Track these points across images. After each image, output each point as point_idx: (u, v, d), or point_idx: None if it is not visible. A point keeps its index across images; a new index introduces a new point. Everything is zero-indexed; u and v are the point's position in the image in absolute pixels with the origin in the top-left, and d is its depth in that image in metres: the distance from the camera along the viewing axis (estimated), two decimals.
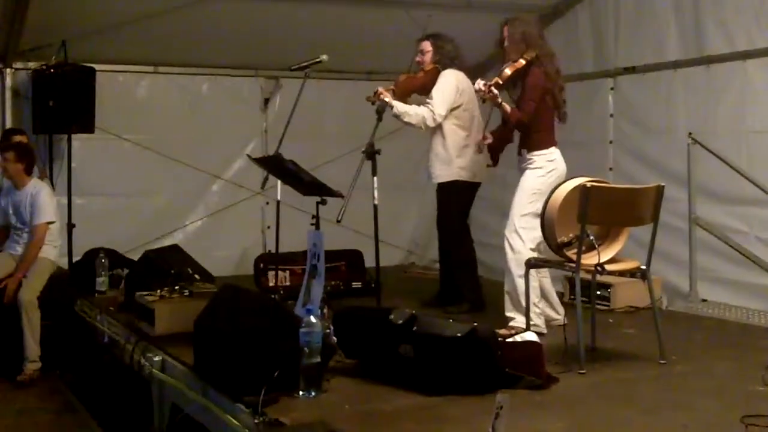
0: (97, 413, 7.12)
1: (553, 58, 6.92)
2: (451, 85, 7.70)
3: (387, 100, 7.55)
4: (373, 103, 7.58)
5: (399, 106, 7.62)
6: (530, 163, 6.82)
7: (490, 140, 7.13)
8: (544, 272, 6.98)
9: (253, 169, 8.80)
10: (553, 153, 6.83)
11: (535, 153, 6.81)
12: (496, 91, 6.67)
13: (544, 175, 6.76)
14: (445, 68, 7.83)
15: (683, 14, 8.45)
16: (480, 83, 6.79)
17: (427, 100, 7.69)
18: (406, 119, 7.64)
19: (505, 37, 6.95)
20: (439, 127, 7.69)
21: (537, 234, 6.53)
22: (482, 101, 7.06)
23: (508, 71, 6.77)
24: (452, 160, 7.71)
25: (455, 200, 7.84)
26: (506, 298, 6.86)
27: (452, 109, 7.69)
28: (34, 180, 8.31)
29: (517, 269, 6.67)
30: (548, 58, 6.87)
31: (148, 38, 9.27)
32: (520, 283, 6.60)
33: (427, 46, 7.92)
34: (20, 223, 8.20)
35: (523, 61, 6.77)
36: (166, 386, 5.84)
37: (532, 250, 6.67)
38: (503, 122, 7.02)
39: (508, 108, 6.77)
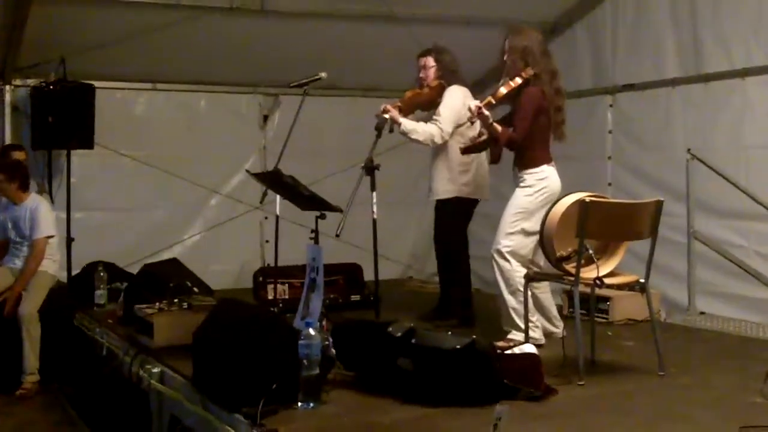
0: (96, 426, 7.11)
1: (554, 77, 6.75)
2: (458, 101, 7.62)
3: (393, 115, 7.51)
4: (380, 121, 7.55)
5: (407, 124, 7.57)
6: (521, 182, 6.76)
7: (485, 137, 6.98)
8: (545, 286, 6.98)
9: (252, 184, 8.80)
10: (545, 171, 6.72)
11: (526, 172, 6.73)
12: (487, 113, 6.56)
13: (533, 194, 6.69)
14: (449, 83, 7.78)
15: (682, 32, 8.51)
16: (473, 104, 6.69)
17: (435, 117, 7.63)
18: (413, 136, 7.57)
19: (506, 49, 6.82)
20: (443, 143, 7.67)
21: (524, 252, 6.59)
22: (470, 123, 7.01)
23: (503, 90, 6.64)
24: (456, 176, 7.68)
25: (456, 216, 7.81)
26: (502, 313, 6.85)
27: (457, 126, 7.64)
28: (33, 195, 8.34)
29: (505, 286, 6.68)
30: (548, 76, 6.72)
31: (146, 55, 9.31)
32: (510, 299, 6.65)
33: (429, 61, 7.85)
34: (19, 237, 8.21)
35: (519, 80, 6.65)
36: (165, 398, 5.82)
37: (519, 267, 6.64)
38: (494, 141, 6.83)
39: (498, 128, 6.64)
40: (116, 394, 6.92)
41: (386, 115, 7.51)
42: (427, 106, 7.87)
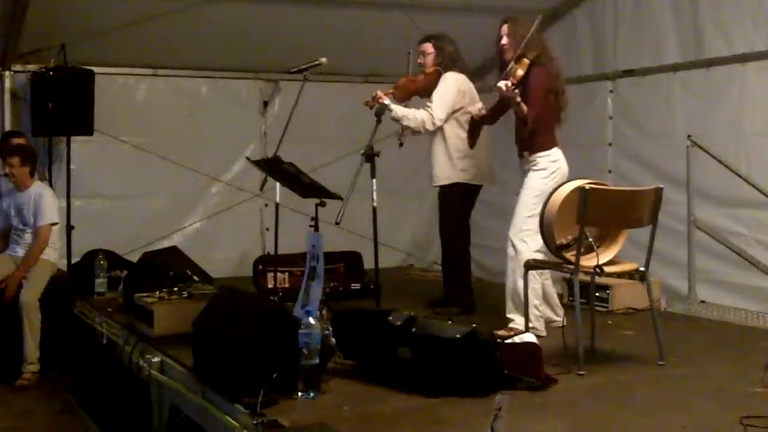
0: (97, 415, 7.11)
1: (554, 60, 6.83)
2: (451, 88, 7.65)
3: (386, 102, 7.52)
4: (371, 108, 7.54)
5: (398, 110, 7.57)
6: (534, 165, 6.77)
7: (484, 112, 7.04)
8: (546, 274, 6.97)
9: (252, 172, 8.78)
10: (556, 153, 6.77)
11: (539, 155, 6.75)
12: (516, 91, 6.54)
13: (548, 176, 6.70)
14: (446, 70, 7.78)
15: (682, 17, 8.47)
16: (503, 83, 6.56)
17: (428, 104, 7.64)
18: (404, 122, 7.59)
19: (503, 35, 6.86)
20: (440, 129, 7.65)
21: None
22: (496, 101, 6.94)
23: (520, 71, 6.61)
24: (454, 163, 7.67)
25: (455, 203, 7.79)
26: (508, 299, 6.83)
27: (453, 112, 7.65)
28: (37, 182, 8.30)
29: (519, 271, 6.64)
30: (548, 59, 6.78)
31: (147, 41, 9.28)
32: (522, 285, 6.60)
33: (429, 48, 7.86)
34: (22, 224, 8.17)
35: (527, 61, 6.65)
36: (165, 387, 5.82)
37: (537, 252, 6.63)
38: (522, 122, 6.75)
39: (525, 108, 6.61)
40: (116, 383, 6.93)
41: (381, 101, 7.49)
42: (423, 93, 7.86)
